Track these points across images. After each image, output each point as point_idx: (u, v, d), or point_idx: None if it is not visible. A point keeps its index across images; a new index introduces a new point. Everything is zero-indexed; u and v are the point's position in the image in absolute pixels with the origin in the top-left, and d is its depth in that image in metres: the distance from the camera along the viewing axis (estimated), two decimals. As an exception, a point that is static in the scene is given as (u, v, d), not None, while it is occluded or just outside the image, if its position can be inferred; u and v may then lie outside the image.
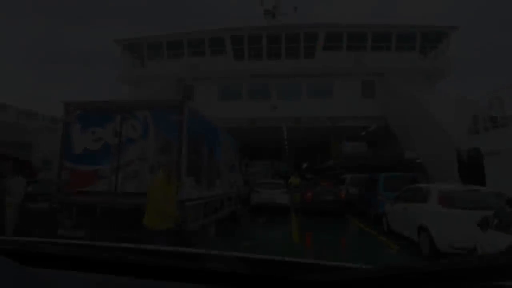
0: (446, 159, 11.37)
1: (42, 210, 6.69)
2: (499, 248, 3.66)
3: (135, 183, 5.34)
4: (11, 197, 6.32)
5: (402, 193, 8.34)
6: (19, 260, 0.93)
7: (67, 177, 5.51)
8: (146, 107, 5.55)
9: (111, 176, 5.44)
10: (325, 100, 19.13)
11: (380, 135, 22.65)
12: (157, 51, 20.23)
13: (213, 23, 19.29)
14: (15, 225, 6.44)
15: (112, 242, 1.23)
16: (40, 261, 0.95)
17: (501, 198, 5.62)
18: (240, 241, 7.98)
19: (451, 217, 5.72)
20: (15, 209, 6.37)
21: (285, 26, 18.65)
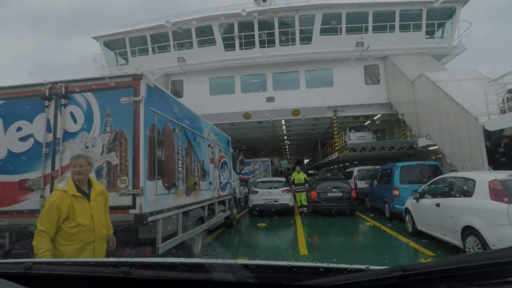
0: (470, 143, 9.86)
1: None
2: None
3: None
4: None
5: (431, 185, 6.84)
6: (26, 284, 0.91)
7: (-15, 192, 3.98)
8: (89, 88, 4.02)
9: (45, 187, 3.93)
10: (325, 88, 17.65)
11: (387, 123, 21.23)
12: (141, 46, 18.68)
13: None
14: None
15: None
16: (48, 282, 0.97)
17: None
18: (235, 253, 6.53)
19: (515, 215, 4.21)
20: None
21: (278, 9, 17.06)
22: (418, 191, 7.11)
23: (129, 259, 1.13)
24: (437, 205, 5.95)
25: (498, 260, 0.73)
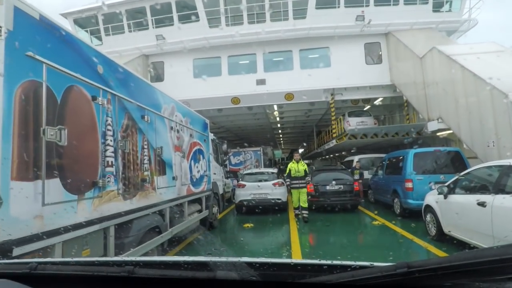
0: (496, 125, 8.29)
1: None
2: None
3: None
4: None
5: (467, 177, 5.22)
6: (31, 284, 0.90)
7: None
8: None
9: None
10: (321, 69, 15.90)
11: (388, 108, 19.64)
12: (116, 23, 16.63)
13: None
14: None
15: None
16: (53, 282, 0.97)
17: None
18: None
19: None
20: None
21: (268, -22, 15.10)
22: (446, 184, 5.50)
23: (133, 258, 1.12)
24: (481, 204, 4.33)
25: (503, 257, 0.69)
